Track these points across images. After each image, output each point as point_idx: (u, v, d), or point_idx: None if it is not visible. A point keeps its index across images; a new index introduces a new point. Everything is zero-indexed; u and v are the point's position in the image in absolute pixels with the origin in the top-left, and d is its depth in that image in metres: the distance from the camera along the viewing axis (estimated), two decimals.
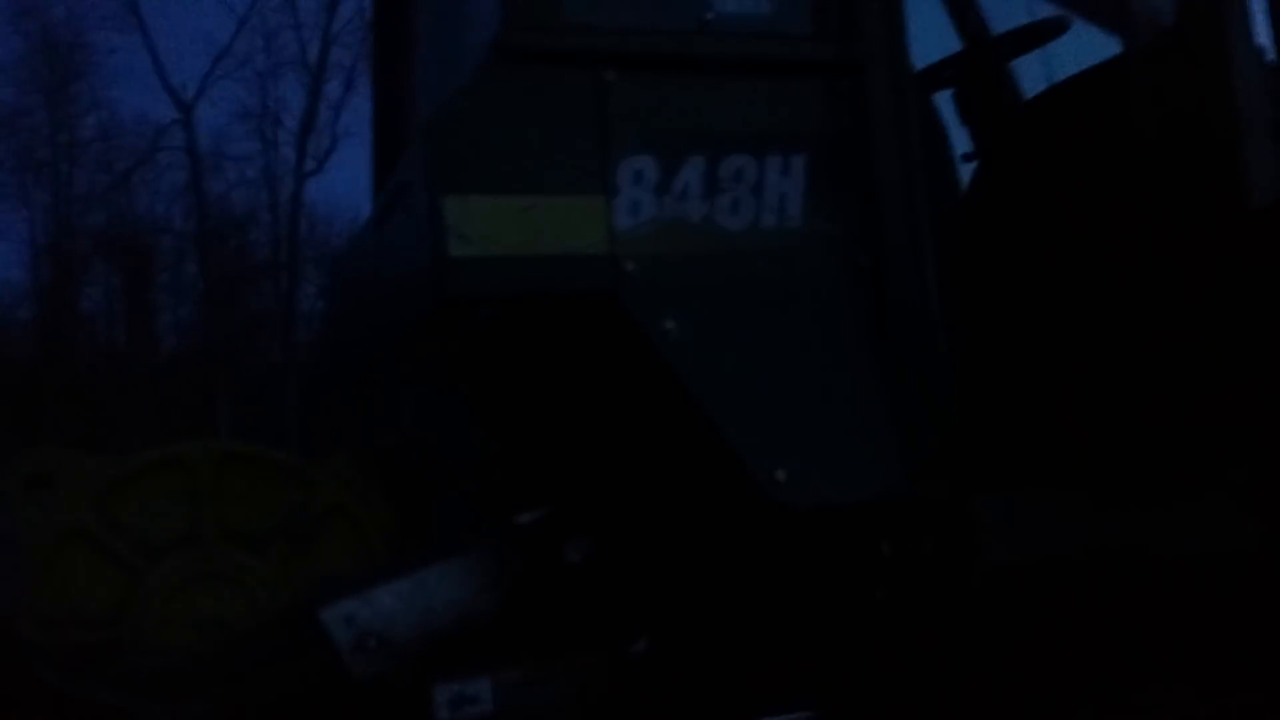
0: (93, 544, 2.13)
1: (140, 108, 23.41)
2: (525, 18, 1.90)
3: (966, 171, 3.24)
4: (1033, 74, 3.77)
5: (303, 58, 19.24)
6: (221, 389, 16.58)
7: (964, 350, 2.07)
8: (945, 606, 2.00)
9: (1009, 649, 2.05)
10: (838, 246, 2.04)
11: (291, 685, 1.93)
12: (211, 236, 18.98)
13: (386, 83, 3.25)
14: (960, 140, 3.27)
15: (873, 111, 2.08)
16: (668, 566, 2.13)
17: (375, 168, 3.24)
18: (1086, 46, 3.59)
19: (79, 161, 19.12)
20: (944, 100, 3.50)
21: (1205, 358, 2.34)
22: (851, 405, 1.99)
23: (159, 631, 2.10)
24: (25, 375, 16.40)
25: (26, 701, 1.75)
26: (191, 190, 18.98)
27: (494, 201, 1.84)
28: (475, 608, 2.07)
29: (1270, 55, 2.62)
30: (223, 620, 2.14)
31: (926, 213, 2.04)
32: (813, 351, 2.00)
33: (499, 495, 2.31)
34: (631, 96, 1.94)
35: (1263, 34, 2.62)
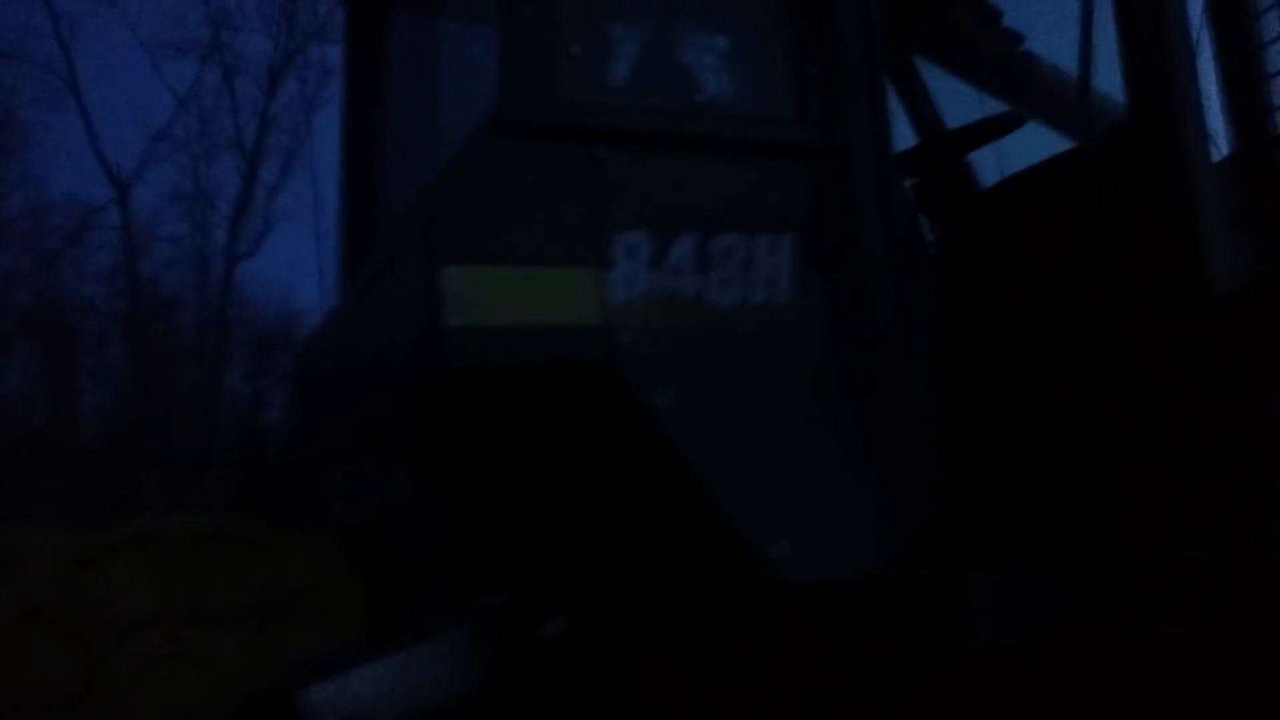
0: (55, 622, 2.02)
1: (70, 187, 23.06)
2: (524, 94, 1.93)
3: None
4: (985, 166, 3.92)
5: (238, 140, 19.23)
6: (146, 472, 16.11)
7: (953, 429, 2.09)
8: (937, 683, 1.98)
9: None
10: (826, 323, 2.06)
11: None
12: (140, 317, 18.63)
13: (356, 160, 3.24)
14: None
15: (856, 194, 2.12)
16: (654, 642, 2.09)
17: (344, 246, 3.21)
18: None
19: (3, 241, 18.74)
20: None
21: (1172, 440, 2.39)
22: (845, 481, 1.99)
23: (124, 716, 1.99)
24: None
25: None
26: (123, 271, 18.66)
27: (492, 272, 1.83)
28: (456, 690, 2.00)
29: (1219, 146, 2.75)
30: (192, 702, 2.03)
31: (913, 291, 2.08)
32: (805, 427, 2.01)
33: (471, 574, 2.25)
34: (626, 173, 1.97)
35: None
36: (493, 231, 1.85)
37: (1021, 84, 3.81)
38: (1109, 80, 3.01)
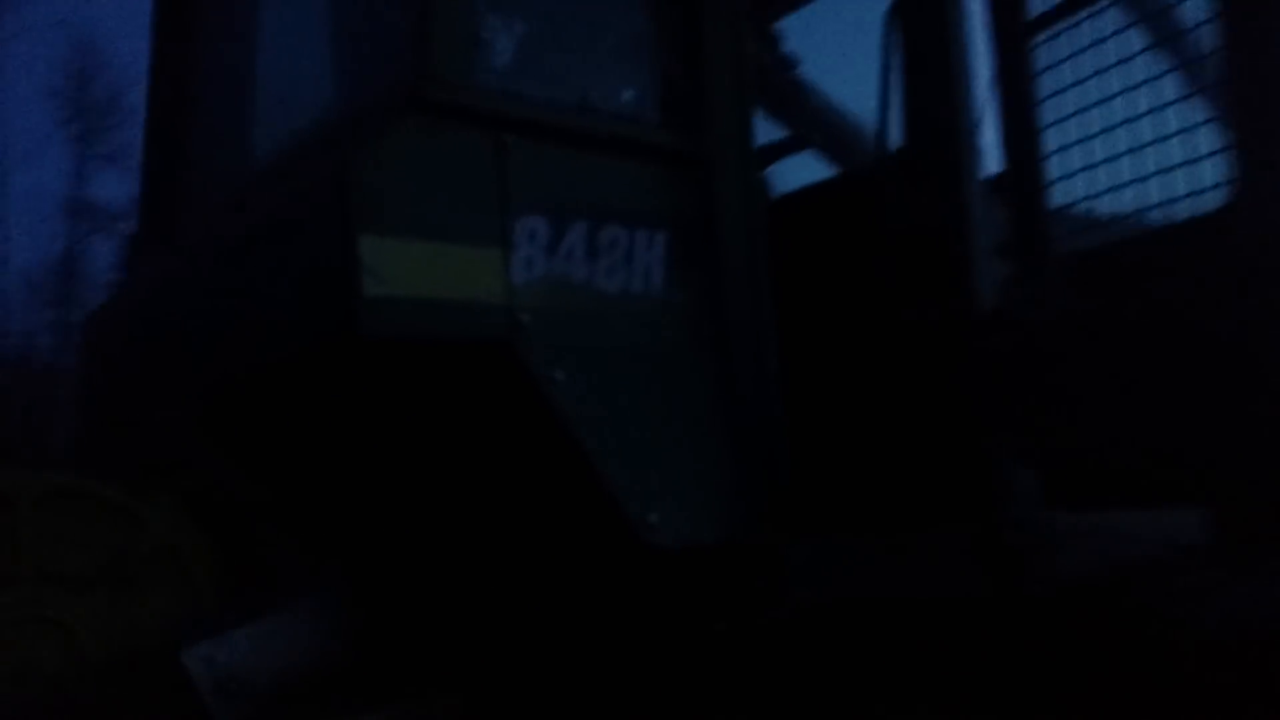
0: None
1: None
2: (439, 76, 1.98)
3: None
4: None
5: None
6: None
7: (793, 409, 2.35)
8: (768, 639, 2.24)
9: (815, 676, 2.32)
10: (690, 315, 2.26)
11: None
12: None
13: (161, 129, 3.12)
14: None
15: (717, 198, 2.33)
16: (520, 603, 2.21)
17: (147, 211, 3.09)
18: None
19: None
20: None
21: (940, 433, 2.78)
22: (706, 458, 2.20)
23: None
24: None
25: None
26: None
27: (407, 245, 1.88)
28: (327, 652, 2.04)
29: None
30: (42, 667, 1.93)
31: (765, 290, 2.31)
32: (674, 407, 2.20)
33: (333, 540, 2.28)
34: (528, 161, 2.07)
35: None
36: (407, 206, 1.90)
37: (794, 106, 4.17)
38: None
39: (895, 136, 3.17)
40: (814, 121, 4.08)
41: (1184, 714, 2.37)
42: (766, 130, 4.03)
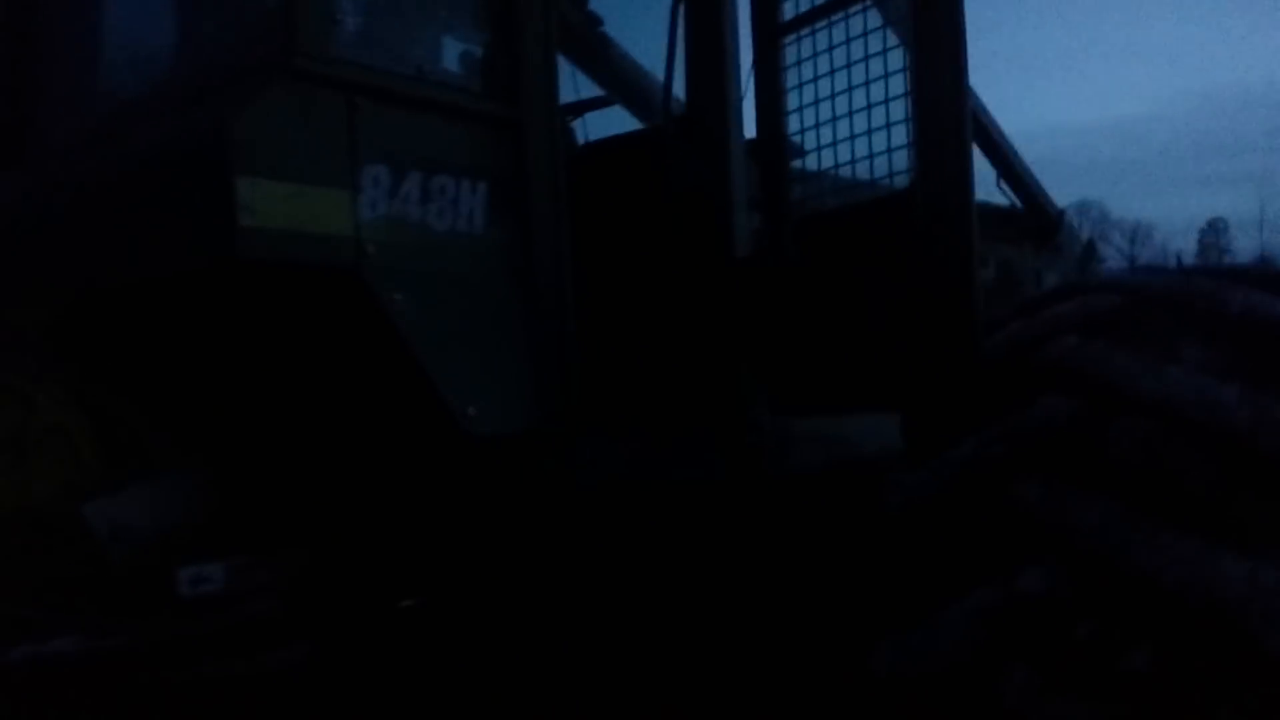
0: None
1: None
2: (303, 48, 2.38)
3: None
4: None
5: None
6: None
7: (587, 328, 2.90)
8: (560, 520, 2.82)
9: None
10: (504, 249, 2.76)
11: (50, 577, 2.20)
12: None
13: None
14: None
15: (528, 154, 2.83)
16: (360, 481, 2.70)
17: None
18: None
19: None
20: None
21: (694, 352, 3.40)
22: (514, 364, 2.73)
23: None
24: None
25: None
26: None
27: (273, 185, 2.30)
28: (194, 511, 2.47)
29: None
30: None
31: (567, 230, 2.84)
32: (490, 324, 2.71)
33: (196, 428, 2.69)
34: (373, 120, 2.51)
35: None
36: (275, 154, 2.31)
37: (597, 61, 4.66)
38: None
39: (677, 103, 3.74)
40: (615, 78, 4.58)
41: (874, 569, 3.04)
42: (579, 85, 4.50)
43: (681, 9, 3.48)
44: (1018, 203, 5.37)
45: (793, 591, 3.32)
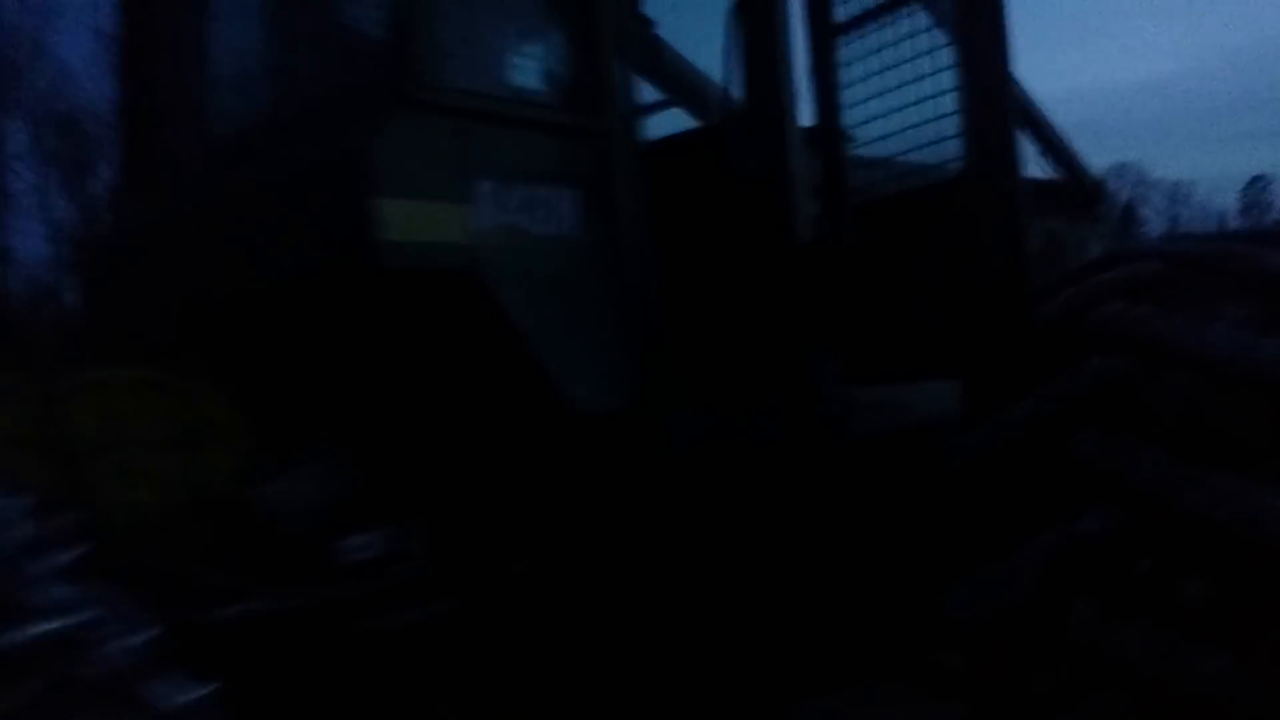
0: (38, 447, 2.47)
1: None
2: (418, 79, 2.67)
3: None
4: None
5: None
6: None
7: (672, 314, 3.17)
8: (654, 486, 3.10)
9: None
10: (597, 249, 3.04)
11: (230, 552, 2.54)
12: None
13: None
14: None
15: (611, 161, 3.10)
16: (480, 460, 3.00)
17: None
18: None
19: None
20: None
21: (764, 326, 3.63)
22: (612, 349, 3.01)
23: (102, 517, 2.51)
24: None
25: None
26: None
27: (401, 203, 2.60)
28: (337, 494, 2.80)
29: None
30: (141, 508, 2.60)
31: (648, 227, 3.11)
32: (587, 314, 2.99)
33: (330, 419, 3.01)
34: (479, 140, 2.79)
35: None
36: (404, 176, 2.60)
37: (654, 64, 4.89)
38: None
39: (736, 98, 3.96)
40: (671, 78, 4.81)
41: (940, 521, 3.28)
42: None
43: (739, 12, 3.71)
44: (1059, 176, 5.56)
45: (864, 545, 3.57)
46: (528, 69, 3.12)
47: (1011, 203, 3.03)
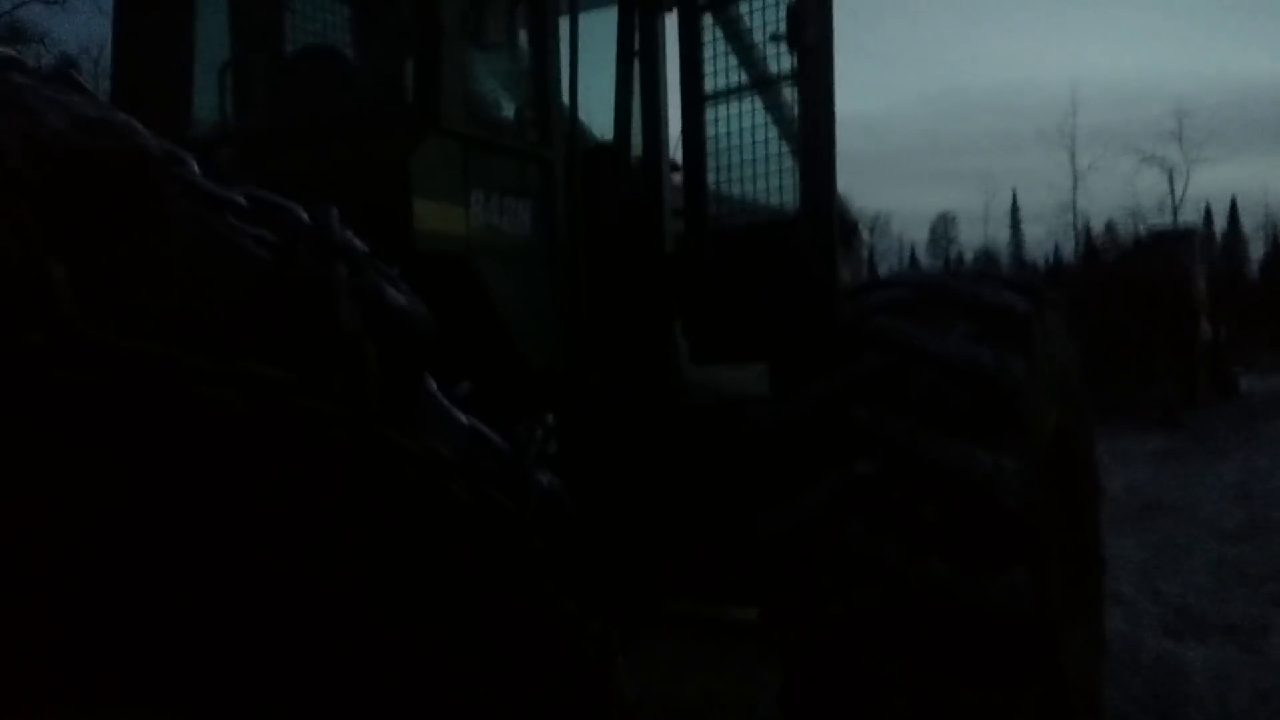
0: None
1: None
2: (444, 113, 3.47)
3: None
4: None
5: None
6: None
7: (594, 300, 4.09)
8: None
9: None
10: (541, 245, 3.90)
11: None
12: None
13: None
14: None
15: (553, 180, 3.97)
16: None
17: None
18: None
19: None
20: None
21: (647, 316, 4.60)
22: (552, 321, 3.89)
23: None
24: None
25: None
26: None
27: (429, 203, 3.37)
28: None
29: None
30: None
31: (580, 233, 4.00)
32: (540, 293, 3.87)
33: None
34: (478, 159, 3.61)
35: None
36: (429, 183, 3.38)
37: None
38: None
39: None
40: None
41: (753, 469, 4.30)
42: None
43: (632, 72, 4.66)
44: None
45: (697, 487, 4.57)
46: (502, 109, 3.95)
47: (829, 239, 4.12)
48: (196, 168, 1.27)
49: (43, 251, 1.01)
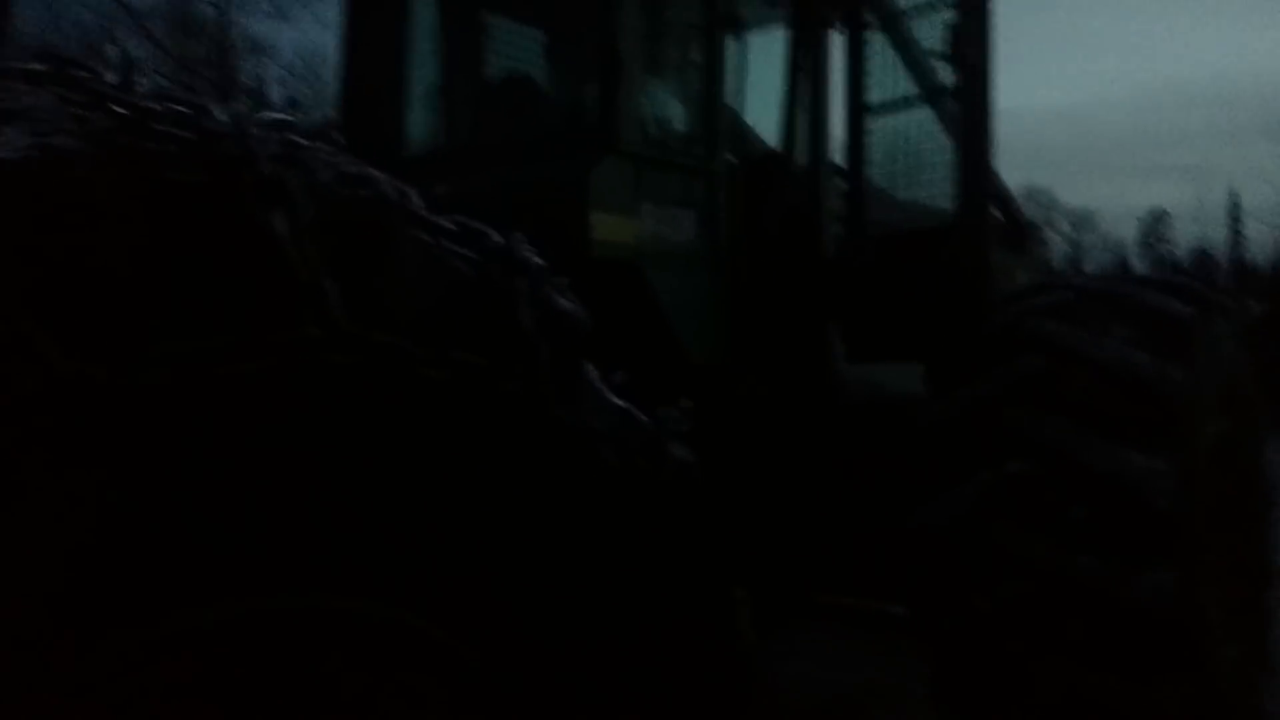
0: None
1: None
2: (620, 133, 3.84)
3: None
4: None
5: None
6: None
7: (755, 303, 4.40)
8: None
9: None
10: (707, 252, 4.25)
11: None
12: None
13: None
14: None
15: (714, 191, 4.29)
16: None
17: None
18: None
19: None
20: None
21: (803, 321, 4.86)
22: (713, 320, 4.21)
23: None
24: None
25: None
26: None
27: (603, 214, 3.75)
28: None
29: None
30: None
31: (739, 241, 4.30)
32: (702, 297, 4.20)
33: None
34: (646, 176, 3.97)
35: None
36: (604, 196, 3.76)
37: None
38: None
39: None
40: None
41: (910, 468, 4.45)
42: None
43: (800, 82, 4.91)
44: (1001, 218, 6.84)
45: (850, 482, 4.77)
46: (672, 127, 4.32)
47: (984, 247, 4.27)
48: (418, 199, 1.67)
49: (319, 271, 1.43)
